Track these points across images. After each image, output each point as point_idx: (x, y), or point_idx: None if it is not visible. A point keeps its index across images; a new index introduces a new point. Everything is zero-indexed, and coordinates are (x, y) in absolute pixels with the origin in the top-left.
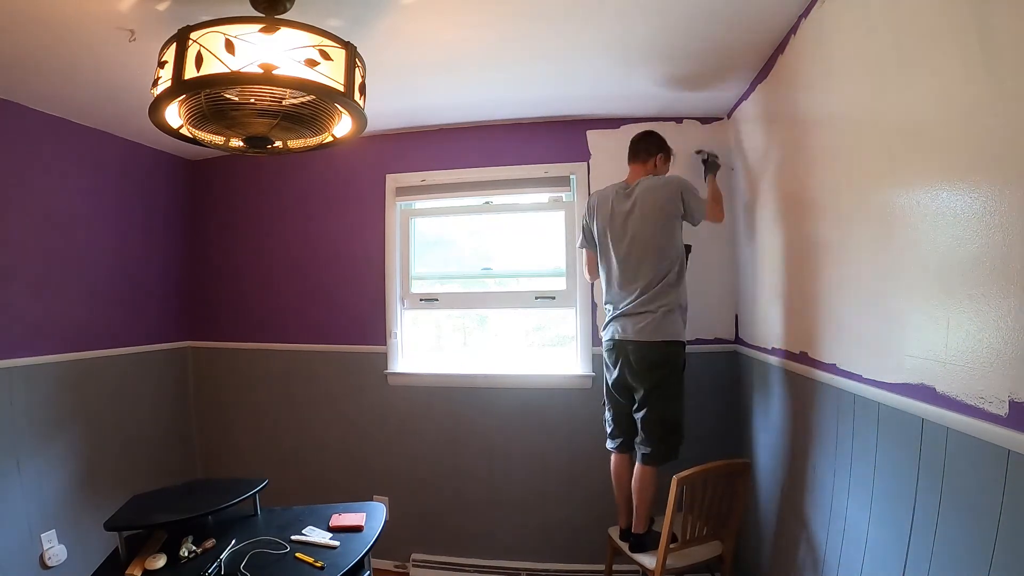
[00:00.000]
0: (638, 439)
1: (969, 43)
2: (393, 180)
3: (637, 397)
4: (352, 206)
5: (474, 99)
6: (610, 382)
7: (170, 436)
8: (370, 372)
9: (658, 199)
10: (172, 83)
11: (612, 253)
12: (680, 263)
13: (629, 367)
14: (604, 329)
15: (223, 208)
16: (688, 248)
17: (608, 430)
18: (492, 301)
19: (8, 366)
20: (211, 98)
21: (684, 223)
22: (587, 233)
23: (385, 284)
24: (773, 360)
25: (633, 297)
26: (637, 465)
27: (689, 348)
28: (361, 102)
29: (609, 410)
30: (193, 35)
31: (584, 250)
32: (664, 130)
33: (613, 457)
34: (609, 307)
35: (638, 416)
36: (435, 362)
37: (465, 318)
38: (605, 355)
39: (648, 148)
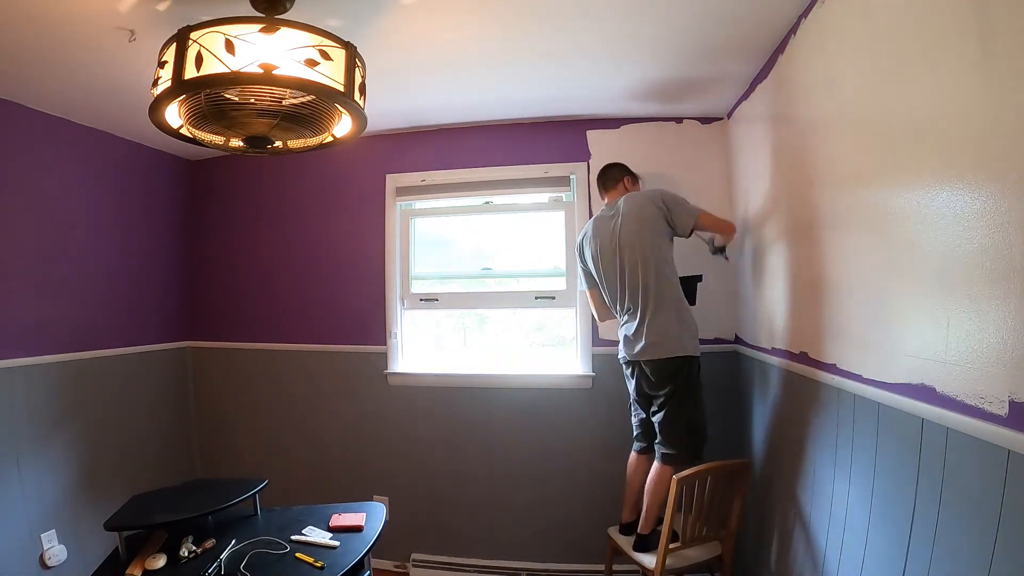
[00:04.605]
0: (658, 440)
1: (969, 43)
2: (393, 180)
3: (655, 402)
4: (352, 206)
5: (474, 99)
6: (632, 392)
7: (170, 436)
8: (370, 372)
9: (636, 207)
10: (172, 83)
11: (606, 276)
12: (672, 277)
13: (646, 379)
14: (620, 345)
15: (223, 208)
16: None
17: (635, 434)
18: (492, 301)
19: (8, 366)
20: (211, 98)
21: (681, 243)
22: (585, 271)
23: (385, 284)
24: (773, 360)
25: (636, 320)
26: (655, 463)
27: None
28: (361, 102)
29: (635, 416)
30: (193, 35)
31: (589, 291)
32: (664, 130)
33: (632, 455)
34: (619, 327)
35: (656, 419)
36: (435, 362)
37: (465, 318)
38: (624, 367)
39: (614, 175)
